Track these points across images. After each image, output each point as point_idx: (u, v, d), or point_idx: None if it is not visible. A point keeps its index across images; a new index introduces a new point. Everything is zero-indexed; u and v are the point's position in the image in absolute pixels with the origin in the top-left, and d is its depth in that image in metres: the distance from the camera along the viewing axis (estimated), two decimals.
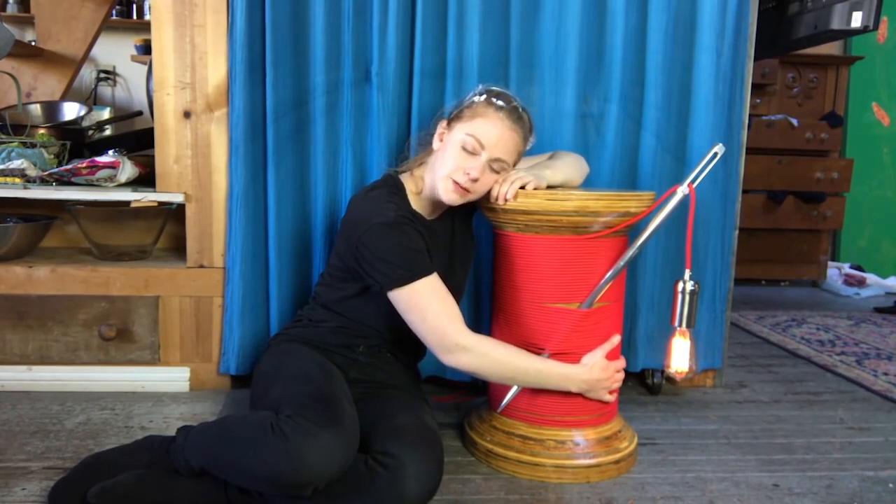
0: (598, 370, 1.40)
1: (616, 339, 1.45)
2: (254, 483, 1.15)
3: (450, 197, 1.37)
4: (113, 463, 1.26)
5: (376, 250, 1.31)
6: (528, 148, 1.45)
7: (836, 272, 3.65)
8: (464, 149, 1.35)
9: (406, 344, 1.45)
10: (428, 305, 1.31)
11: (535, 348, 1.42)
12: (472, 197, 1.39)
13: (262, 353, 1.51)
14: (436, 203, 1.45)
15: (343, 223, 1.44)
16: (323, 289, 1.49)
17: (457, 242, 1.51)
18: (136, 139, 2.22)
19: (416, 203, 1.44)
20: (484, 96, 1.40)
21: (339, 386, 1.30)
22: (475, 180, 1.35)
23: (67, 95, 2.64)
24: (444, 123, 1.44)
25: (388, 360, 1.48)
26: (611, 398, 1.45)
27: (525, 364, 1.37)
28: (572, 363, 1.41)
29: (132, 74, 4.18)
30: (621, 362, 1.46)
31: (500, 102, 1.39)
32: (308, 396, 1.20)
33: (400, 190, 1.43)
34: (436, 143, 1.43)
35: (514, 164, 1.43)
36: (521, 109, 1.41)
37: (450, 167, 1.36)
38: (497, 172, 1.39)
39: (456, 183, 1.36)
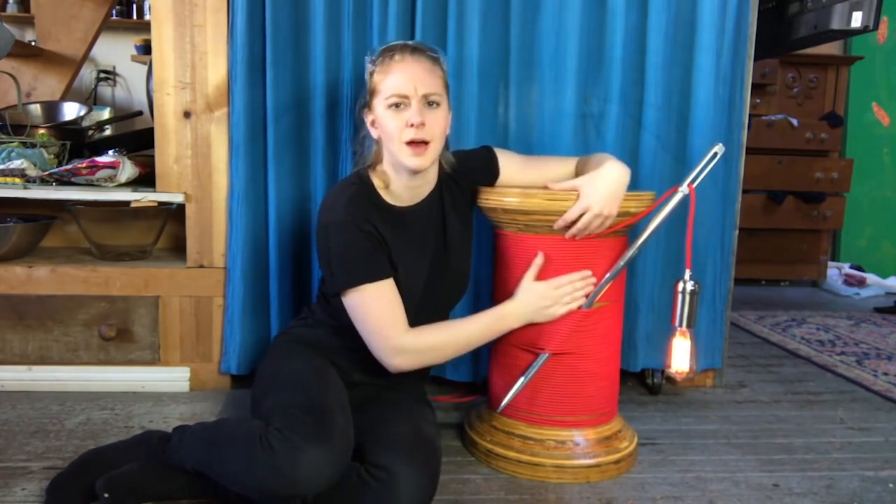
0: (535, 296, 1.37)
1: (539, 260, 1.39)
2: (243, 491, 1.15)
3: (414, 161, 1.31)
4: (110, 458, 1.27)
5: (325, 252, 1.31)
6: (446, 68, 1.39)
7: (836, 272, 3.65)
8: (394, 109, 1.31)
9: None
10: (369, 310, 1.30)
11: (534, 348, 1.42)
12: (434, 147, 1.33)
13: (266, 351, 1.51)
14: (413, 187, 1.39)
15: None
16: (325, 286, 1.47)
17: (449, 225, 1.45)
18: (136, 139, 2.22)
19: (387, 196, 1.38)
20: (372, 62, 1.35)
21: (334, 395, 1.28)
22: (421, 125, 1.29)
23: (67, 95, 2.64)
24: (366, 113, 1.38)
25: None
26: (565, 310, 1.38)
27: (459, 335, 1.36)
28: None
29: (132, 74, 4.18)
30: (576, 275, 1.36)
31: (388, 52, 1.34)
32: (300, 408, 1.19)
33: (363, 181, 1.37)
34: (374, 133, 1.38)
35: (447, 89, 1.37)
36: (411, 42, 1.37)
37: (394, 133, 1.31)
38: (438, 105, 1.33)
39: (410, 143, 1.30)
